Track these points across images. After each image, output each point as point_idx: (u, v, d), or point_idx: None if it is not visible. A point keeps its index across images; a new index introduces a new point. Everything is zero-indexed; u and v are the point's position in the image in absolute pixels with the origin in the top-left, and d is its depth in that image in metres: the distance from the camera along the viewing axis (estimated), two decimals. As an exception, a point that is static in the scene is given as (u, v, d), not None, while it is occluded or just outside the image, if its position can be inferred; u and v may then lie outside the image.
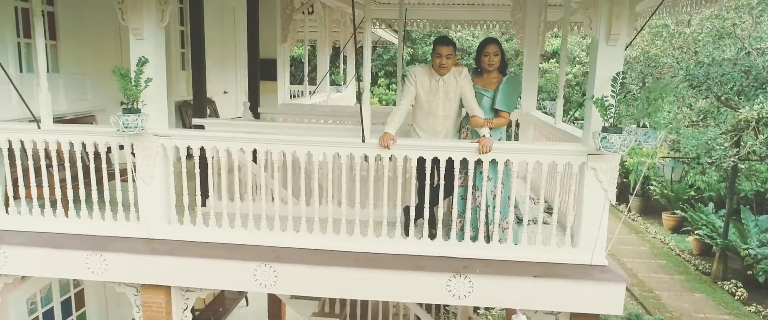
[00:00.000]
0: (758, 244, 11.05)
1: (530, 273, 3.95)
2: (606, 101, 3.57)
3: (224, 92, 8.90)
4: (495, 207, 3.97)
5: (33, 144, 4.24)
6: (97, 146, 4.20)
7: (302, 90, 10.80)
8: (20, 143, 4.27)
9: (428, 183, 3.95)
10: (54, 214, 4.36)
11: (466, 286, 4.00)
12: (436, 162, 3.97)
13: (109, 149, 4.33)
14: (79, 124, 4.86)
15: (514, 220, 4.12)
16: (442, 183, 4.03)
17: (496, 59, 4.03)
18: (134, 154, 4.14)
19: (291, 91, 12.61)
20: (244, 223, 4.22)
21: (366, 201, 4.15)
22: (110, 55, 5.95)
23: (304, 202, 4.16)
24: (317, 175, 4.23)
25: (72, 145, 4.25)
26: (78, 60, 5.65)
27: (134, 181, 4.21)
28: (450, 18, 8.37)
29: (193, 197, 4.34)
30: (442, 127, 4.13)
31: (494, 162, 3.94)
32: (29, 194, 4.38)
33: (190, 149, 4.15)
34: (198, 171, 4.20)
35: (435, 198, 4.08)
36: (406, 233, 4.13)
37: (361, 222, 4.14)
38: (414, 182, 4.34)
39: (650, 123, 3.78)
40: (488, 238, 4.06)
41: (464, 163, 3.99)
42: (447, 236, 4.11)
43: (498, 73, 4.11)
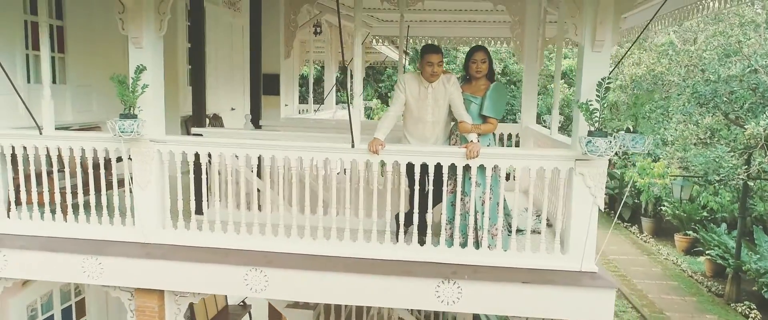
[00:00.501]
0: (758, 258, 10.77)
1: (519, 279, 3.94)
2: (590, 106, 3.61)
3: (232, 109, 9.07)
4: (484, 213, 3.98)
5: (35, 150, 4.38)
6: (97, 152, 4.31)
7: (311, 107, 10.96)
8: (23, 149, 4.40)
9: (418, 188, 3.98)
10: (53, 219, 4.46)
11: (455, 292, 4.00)
12: (427, 168, 4.01)
13: (118, 158, 4.46)
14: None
15: (504, 226, 4.12)
16: (431, 188, 4.06)
17: (484, 66, 4.10)
18: (131, 159, 4.25)
19: (300, 109, 12.81)
20: (237, 228, 4.28)
21: (357, 209, 4.18)
22: (117, 69, 6.06)
23: (297, 208, 4.21)
24: (309, 180, 4.28)
25: (73, 151, 4.36)
26: (85, 72, 5.83)
27: (132, 192, 4.30)
28: (451, 35, 8.49)
29: (189, 203, 4.42)
30: (432, 133, 4.18)
31: (483, 167, 3.97)
32: (30, 199, 4.50)
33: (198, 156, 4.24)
34: (194, 176, 4.30)
35: (424, 204, 4.10)
36: (397, 239, 4.15)
37: (351, 230, 4.17)
38: (404, 189, 4.37)
39: (638, 128, 3.82)
40: (477, 244, 4.06)
41: (454, 170, 4.02)
42: (436, 242, 4.12)
43: (486, 80, 4.16)
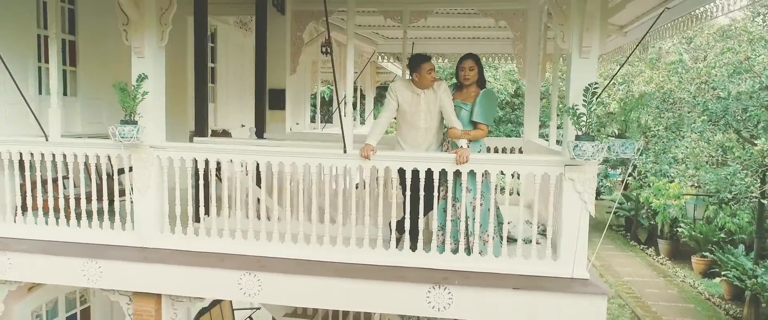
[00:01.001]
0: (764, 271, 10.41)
1: (510, 285, 3.93)
2: (577, 110, 3.64)
3: (242, 126, 9.25)
4: (474, 218, 3.99)
5: (41, 156, 4.53)
6: (100, 158, 4.45)
7: (318, 124, 11.10)
8: (30, 155, 4.56)
9: (409, 194, 4.02)
10: (56, 223, 4.59)
11: (446, 298, 4.00)
12: (418, 174, 4.05)
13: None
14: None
15: (496, 232, 4.13)
16: (423, 194, 4.09)
17: (472, 73, 4.17)
18: (132, 169, 4.37)
19: (312, 127, 12.97)
20: (232, 233, 4.35)
21: (348, 217, 4.23)
22: (126, 82, 6.33)
23: (290, 213, 4.28)
24: (303, 185, 4.34)
25: (77, 158, 4.50)
26: (95, 85, 6.03)
27: (132, 202, 4.43)
28: (454, 51, 8.59)
29: (188, 209, 4.51)
30: (424, 139, 4.24)
31: (473, 173, 4.00)
32: (36, 205, 4.64)
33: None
34: (194, 183, 4.40)
35: (416, 210, 4.13)
36: (389, 246, 4.17)
37: (344, 238, 4.21)
38: (394, 198, 4.41)
39: (627, 133, 3.82)
40: (469, 250, 4.07)
41: (445, 176, 4.06)
42: (428, 248, 4.13)
43: (476, 88, 4.22)
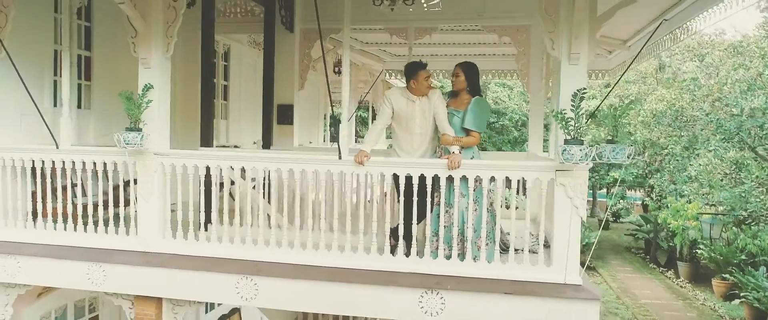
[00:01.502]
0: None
1: (502, 290, 3.94)
2: (565, 115, 3.69)
3: (253, 142, 9.43)
4: (466, 223, 4.03)
5: (52, 163, 4.72)
6: (107, 165, 4.63)
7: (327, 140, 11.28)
8: (42, 163, 4.75)
9: (402, 200, 4.09)
10: (65, 229, 4.75)
11: (438, 303, 4.02)
12: (411, 181, 4.12)
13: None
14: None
15: (490, 237, 4.15)
16: (416, 199, 4.15)
17: (459, 80, 4.28)
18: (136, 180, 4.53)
19: (326, 146, 13.16)
20: (232, 238, 4.45)
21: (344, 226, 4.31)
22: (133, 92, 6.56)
23: (287, 219, 4.37)
24: (299, 191, 4.45)
25: (85, 165, 4.68)
26: (109, 99, 6.25)
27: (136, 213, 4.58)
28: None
29: (195, 216, 4.64)
30: (420, 145, 4.33)
31: (466, 179, 4.05)
32: (46, 212, 4.82)
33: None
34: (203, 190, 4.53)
35: (410, 216, 4.19)
36: (393, 253, 4.22)
37: (339, 246, 4.28)
38: (386, 207, 4.47)
39: (617, 139, 3.86)
40: (462, 256, 4.10)
41: (439, 182, 4.11)
42: (421, 253, 4.17)
43: (469, 96, 4.31)
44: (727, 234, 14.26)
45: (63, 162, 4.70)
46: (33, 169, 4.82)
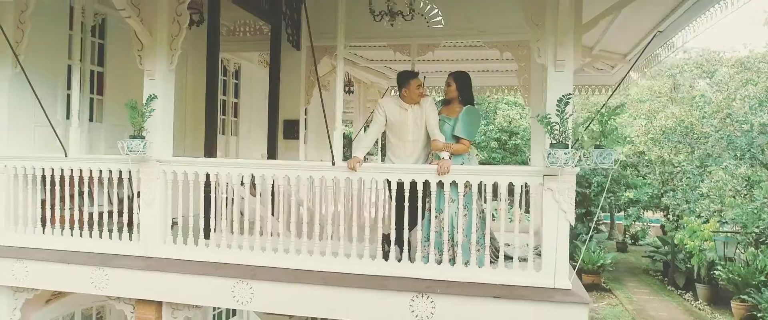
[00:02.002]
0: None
1: (492, 294, 3.97)
2: (549, 119, 3.76)
3: (261, 155, 9.61)
4: (456, 228, 4.09)
5: (61, 171, 4.92)
6: (112, 173, 4.81)
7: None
8: (51, 171, 4.96)
9: (394, 204, 4.18)
10: (71, 235, 4.92)
11: (429, 307, 4.06)
12: (402, 187, 4.20)
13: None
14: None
15: (480, 243, 4.20)
16: (407, 205, 4.22)
17: (450, 89, 4.39)
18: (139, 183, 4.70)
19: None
20: (229, 243, 4.57)
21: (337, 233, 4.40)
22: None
23: (283, 225, 4.48)
24: (296, 198, 4.55)
25: (92, 172, 4.87)
26: (120, 113, 6.46)
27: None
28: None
29: (189, 221, 4.78)
30: (413, 151, 4.43)
31: (455, 184, 4.13)
32: (54, 219, 5.00)
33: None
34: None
35: (402, 221, 4.26)
36: (385, 258, 4.29)
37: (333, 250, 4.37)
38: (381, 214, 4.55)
39: (604, 144, 3.91)
40: (453, 261, 4.15)
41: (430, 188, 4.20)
42: (413, 258, 4.23)
43: (461, 104, 4.41)
44: (746, 255, 13.94)
45: (71, 169, 4.90)
46: (43, 178, 5.02)
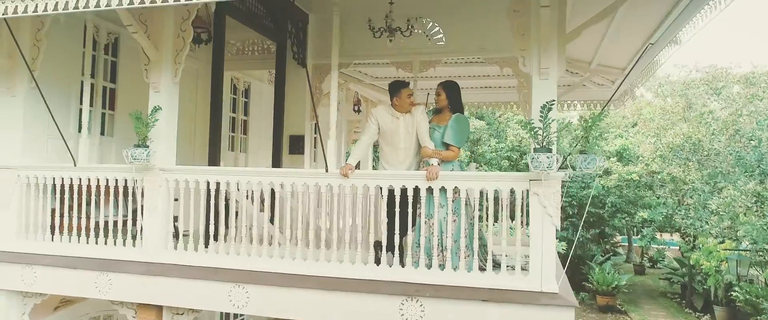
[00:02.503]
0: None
1: (480, 297, 4.03)
2: (532, 125, 3.87)
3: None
4: (444, 232, 4.18)
5: (70, 180, 5.14)
6: (118, 181, 5.01)
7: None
8: (61, 180, 5.18)
9: (385, 210, 4.29)
10: (78, 241, 5.11)
11: (418, 310, 4.13)
12: (393, 193, 4.31)
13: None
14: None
15: (469, 248, 4.27)
16: (398, 210, 4.32)
17: (440, 98, 4.54)
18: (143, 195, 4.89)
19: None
20: (227, 249, 4.71)
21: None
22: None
23: (279, 229, 4.61)
24: (290, 204, 4.69)
25: (99, 181, 5.07)
26: (131, 128, 6.70)
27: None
28: (467, 101, 8.96)
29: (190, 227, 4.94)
30: (405, 158, 4.56)
31: (444, 190, 4.23)
32: (62, 226, 5.21)
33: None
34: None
35: (393, 226, 4.35)
36: (377, 263, 4.39)
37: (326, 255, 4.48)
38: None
39: (588, 150, 4.00)
40: (443, 265, 4.22)
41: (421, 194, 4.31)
42: (402, 262, 4.31)
43: (450, 113, 4.54)
44: (764, 275, 13.64)
45: (80, 179, 5.11)
46: (53, 187, 5.25)
